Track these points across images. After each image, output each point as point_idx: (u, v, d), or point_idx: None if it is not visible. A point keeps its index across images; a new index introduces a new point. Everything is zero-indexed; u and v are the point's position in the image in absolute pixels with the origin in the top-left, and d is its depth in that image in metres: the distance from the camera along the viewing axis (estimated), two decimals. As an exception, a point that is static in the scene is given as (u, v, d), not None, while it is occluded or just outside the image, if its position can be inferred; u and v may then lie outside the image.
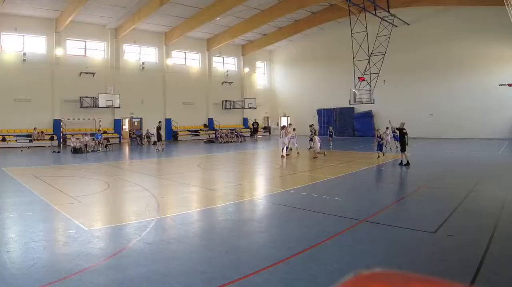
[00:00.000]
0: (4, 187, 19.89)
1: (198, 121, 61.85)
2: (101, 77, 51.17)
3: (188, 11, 49.45)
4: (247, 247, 10.33)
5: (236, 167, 23.85)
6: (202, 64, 63.38)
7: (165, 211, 14.15)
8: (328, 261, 9.04)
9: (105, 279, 8.17)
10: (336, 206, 14.81)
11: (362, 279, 1.24)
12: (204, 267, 8.87)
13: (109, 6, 44.95)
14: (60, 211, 13.86)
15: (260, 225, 12.85)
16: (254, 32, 59.17)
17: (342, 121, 61.64)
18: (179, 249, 10.13)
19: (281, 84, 73.08)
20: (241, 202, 15.97)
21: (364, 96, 45.01)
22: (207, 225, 12.81)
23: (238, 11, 49.45)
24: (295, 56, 69.23)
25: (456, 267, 8.77)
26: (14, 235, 11.15)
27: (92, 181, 21.56)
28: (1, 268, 8.54)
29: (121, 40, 52.99)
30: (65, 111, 48.44)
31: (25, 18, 44.89)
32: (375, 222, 12.41)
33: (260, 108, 69.88)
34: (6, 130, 43.76)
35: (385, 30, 46.88)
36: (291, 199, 16.16)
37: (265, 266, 8.69)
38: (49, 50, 47.73)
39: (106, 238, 11.15)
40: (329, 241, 10.48)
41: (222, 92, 65.01)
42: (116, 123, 52.90)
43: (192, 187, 19.93)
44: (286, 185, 19.81)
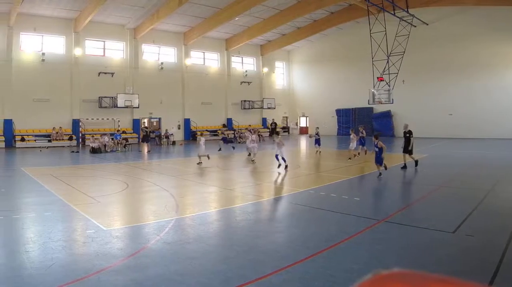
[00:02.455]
0: (23, 187, 20.05)
1: (217, 121, 61.73)
2: (120, 77, 51.27)
3: (207, 11, 49.42)
4: (266, 247, 10.31)
5: (254, 166, 23.81)
6: (221, 64, 63.27)
7: (184, 211, 14.16)
8: (347, 261, 9.03)
9: (123, 279, 8.19)
10: (354, 206, 14.79)
11: (380, 279, 1.24)
12: (223, 267, 8.87)
13: (128, 6, 45.01)
14: (78, 211, 13.91)
15: (279, 225, 12.84)
16: (272, 32, 58.98)
17: (361, 121, 60.61)
18: (197, 249, 10.11)
19: (300, 84, 72.80)
20: (259, 202, 15.98)
21: (383, 96, 44.91)
22: (226, 225, 12.82)
23: (257, 11, 49.24)
24: (314, 56, 68.89)
25: (474, 267, 8.72)
26: (33, 235, 11.18)
27: (111, 181, 21.63)
28: (20, 268, 8.58)
29: (140, 40, 53.02)
30: (84, 111, 48.55)
31: (44, 18, 44.99)
32: (394, 222, 12.40)
33: (279, 108, 69.72)
34: (25, 130, 43.89)
35: (404, 30, 46.60)
36: (310, 199, 16.14)
37: (284, 266, 8.68)
38: (68, 50, 47.85)
39: (125, 238, 11.21)
40: (348, 241, 10.46)
41: (241, 92, 64.96)
42: (135, 123, 52.95)
43: (211, 187, 19.93)
44: (305, 185, 19.78)
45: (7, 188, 19.44)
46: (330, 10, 54.08)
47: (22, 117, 44.10)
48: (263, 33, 58.01)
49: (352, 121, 61.96)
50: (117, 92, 49.30)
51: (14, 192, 18.63)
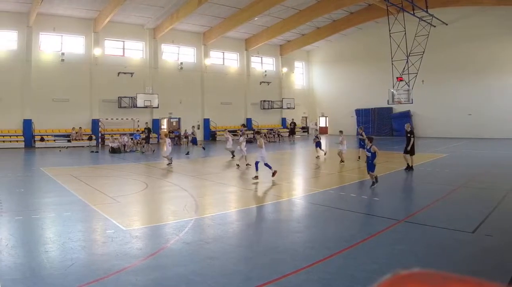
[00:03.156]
0: (42, 187, 20.12)
1: (236, 121, 61.37)
2: (140, 77, 51.38)
3: (226, 11, 49.47)
4: (285, 247, 10.26)
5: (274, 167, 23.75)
6: (240, 64, 63.32)
7: (203, 210, 14.16)
8: (366, 261, 9.00)
9: (143, 279, 8.20)
10: (374, 206, 14.87)
11: (400, 279, 1.23)
12: (242, 267, 8.90)
13: (147, 6, 45.13)
14: (98, 211, 13.94)
15: (298, 225, 12.79)
16: (292, 32, 58.86)
17: (380, 121, 61.20)
18: (217, 249, 10.10)
19: (319, 84, 72.73)
20: (279, 202, 15.96)
21: (403, 96, 44.77)
22: (245, 225, 12.83)
23: (276, 11, 49.25)
24: (333, 56, 68.79)
25: (494, 267, 8.69)
26: (53, 235, 11.22)
27: (131, 181, 21.65)
28: (40, 268, 8.58)
29: (159, 40, 53.09)
30: (103, 111, 48.70)
31: (63, 18, 45.20)
32: (414, 222, 12.37)
33: (299, 108, 69.56)
34: (44, 130, 44.05)
35: (423, 30, 46.32)
36: (329, 199, 16.12)
37: (303, 266, 8.67)
38: (87, 50, 48.06)
39: (144, 238, 11.20)
40: (367, 241, 10.45)
41: (260, 92, 64.93)
42: (154, 123, 52.87)
43: (230, 187, 19.99)
44: (325, 185, 19.75)
45: (27, 188, 19.50)
46: (349, 10, 53.93)
47: (41, 117, 44.28)
48: (282, 33, 57.84)
49: (371, 122, 62.12)
50: (136, 92, 49.33)
51: (33, 192, 18.67)
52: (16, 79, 43.24)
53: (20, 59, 43.34)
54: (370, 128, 60.52)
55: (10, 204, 15.37)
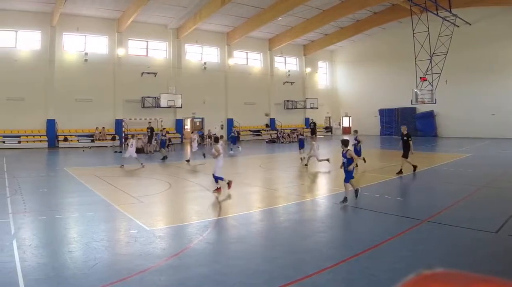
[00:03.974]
0: (66, 187, 20.24)
1: (260, 121, 61.78)
2: (163, 77, 51.48)
3: (249, 11, 49.46)
4: (309, 247, 10.29)
5: (297, 167, 23.71)
6: (263, 64, 63.25)
7: (226, 210, 14.18)
8: (390, 261, 9.03)
9: (166, 279, 8.21)
10: (397, 206, 14.86)
11: (423, 279, 1.25)
12: (266, 267, 8.89)
13: (171, 6, 45.21)
14: (121, 211, 14.00)
15: (322, 225, 12.79)
16: (315, 32, 58.75)
17: (404, 121, 59.90)
18: (240, 249, 10.13)
19: (343, 84, 72.60)
20: (302, 202, 15.96)
21: (426, 96, 44.55)
22: (269, 225, 12.82)
23: (300, 11, 49.15)
24: (356, 56, 68.61)
25: (518, 267, 8.60)
26: (76, 235, 11.28)
27: (154, 181, 21.65)
28: (63, 268, 8.62)
29: (182, 40, 53.18)
30: (126, 111, 48.87)
31: (87, 18, 45.41)
32: (437, 222, 12.30)
33: (322, 108, 69.32)
34: (68, 130, 44.22)
35: (447, 30, 46.00)
36: (353, 199, 15.90)
37: (327, 266, 8.67)
38: (111, 50, 48.30)
39: (167, 238, 11.23)
40: (391, 241, 10.45)
41: (283, 92, 64.70)
42: (178, 123, 53.11)
43: (254, 187, 20.04)
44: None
45: (50, 188, 19.66)
46: (373, 10, 53.78)
47: (65, 117, 44.53)
48: (306, 33, 57.73)
49: (394, 122, 61.97)
50: (160, 92, 49.40)
51: (57, 192, 18.80)
52: (40, 79, 43.45)
53: (43, 59, 43.58)
54: (394, 128, 61.02)
55: (34, 203, 15.46)
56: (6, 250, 9.54)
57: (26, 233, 11.20)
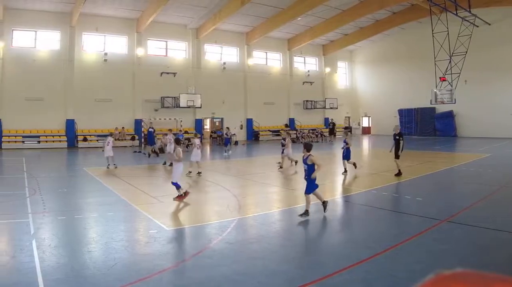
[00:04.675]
0: (85, 187, 20.34)
1: (279, 121, 61.70)
2: (182, 77, 51.59)
3: (269, 11, 49.47)
4: (328, 247, 10.36)
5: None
6: (283, 64, 63.22)
7: (246, 211, 14.16)
8: (409, 261, 9.00)
9: (185, 279, 8.26)
10: (416, 206, 14.69)
11: (443, 279, 1.25)
12: (285, 267, 8.89)
13: (190, 6, 45.32)
14: (141, 210, 14.05)
15: (341, 225, 12.90)
16: (335, 32, 58.67)
17: (423, 121, 60.89)
18: (260, 249, 10.11)
19: (362, 84, 72.54)
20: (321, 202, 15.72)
21: (446, 96, 44.47)
22: (288, 225, 12.80)
23: (319, 11, 49.19)
24: (376, 56, 68.58)
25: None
26: (95, 235, 11.32)
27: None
28: (83, 268, 8.63)
29: (202, 40, 53.32)
30: (146, 111, 49.08)
31: (106, 18, 45.67)
32: (456, 222, 12.26)
33: (342, 108, 69.25)
34: (87, 130, 44.39)
35: (466, 30, 45.79)
36: (372, 199, 16.08)
37: (346, 266, 8.65)
38: (130, 50, 48.51)
39: (187, 238, 11.34)
40: (410, 241, 10.42)
41: (303, 92, 64.68)
42: (197, 123, 53.24)
43: (273, 187, 20.01)
44: (367, 185, 19.66)
45: (70, 188, 19.72)
46: (392, 10, 53.70)
47: (84, 117, 44.77)
48: (325, 33, 57.74)
49: (414, 122, 61.91)
50: (179, 92, 49.55)
51: (76, 192, 18.88)
52: (59, 80, 43.73)
53: (63, 59, 43.83)
54: (413, 128, 61.11)
55: (53, 204, 15.52)
56: (26, 250, 9.57)
57: (46, 233, 11.23)
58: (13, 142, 41.09)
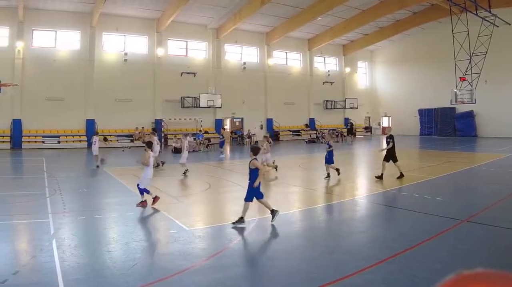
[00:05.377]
0: (106, 187, 20.45)
1: (299, 121, 61.75)
2: (203, 77, 51.71)
3: (289, 11, 49.49)
4: (348, 247, 10.28)
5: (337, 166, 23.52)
6: (303, 64, 63.18)
7: (266, 211, 14.08)
8: (429, 261, 8.93)
9: (205, 279, 8.22)
10: (437, 206, 14.58)
11: (463, 279, 1.25)
12: (305, 267, 8.87)
13: (210, 6, 45.45)
14: (161, 211, 14.04)
15: (361, 225, 12.77)
16: (355, 32, 58.65)
17: (443, 121, 60.87)
18: (280, 249, 10.13)
19: (382, 84, 72.41)
20: (342, 202, 15.93)
21: (466, 96, 44.44)
22: (308, 225, 12.78)
23: (339, 11, 49.15)
24: (396, 56, 68.40)
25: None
26: (116, 235, 11.34)
27: (193, 181, 21.68)
28: (103, 268, 8.65)
29: (222, 40, 53.42)
30: (166, 111, 49.18)
31: (126, 18, 45.88)
32: (477, 222, 12.21)
33: (362, 108, 69.20)
34: (107, 130, 44.41)
35: (486, 30, 45.53)
36: (392, 199, 16.17)
37: (366, 266, 8.60)
38: (150, 50, 48.69)
39: (207, 238, 11.26)
40: (430, 241, 10.34)
41: (323, 92, 64.59)
42: (217, 123, 53.17)
43: (293, 187, 20.00)
44: (387, 185, 19.55)
45: (90, 188, 19.82)
46: (412, 10, 53.65)
47: (104, 117, 45.02)
48: (345, 33, 57.76)
49: (434, 122, 61.96)
50: (199, 92, 49.67)
51: (96, 192, 18.99)
52: (79, 79, 43.99)
53: (83, 59, 44.14)
54: (433, 128, 61.25)
55: (73, 204, 15.61)
56: (46, 250, 9.59)
57: (66, 233, 11.25)
58: (33, 142, 41.36)
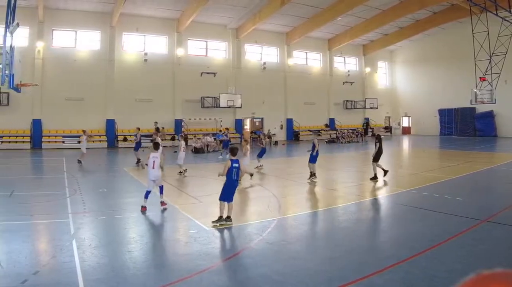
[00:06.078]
0: (125, 187, 20.57)
1: (319, 121, 61.69)
2: (222, 77, 51.72)
3: (309, 11, 49.39)
4: (368, 247, 10.31)
5: (357, 167, 23.45)
6: (323, 64, 63.09)
7: (286, 211, 14.17)
8: (449, 261, 8.94)
9: (226, 279, 8.28)
10: (457, 206, 14.58)
11: (483, 279, 1.25)
12: (325, 267, 8.88)
13: (230, 6, 45.47)
14: (181, 210, 14.11)
15: (381, 225, 12.86)
16: (375, 32, 58.50)
17: (463, 121, 60.65)
18: (300, 249, 10.14)
19: (402, 84, 72.13)
20: (362, 202, 15.93)
21: (486, 96, 44.28)
22: (328, 225, 12.80)
23: (359, 11, 49.06)
24: (416, 56, 68.11)
25: None
26: (136, 235, 11.37)
27: (213, 181, 21.51)
28: (123, 268, 8.69)
29: (242, 40, 53.46)
30: (186, 111, 49.30)
31: (146, 18, 46.02)
32: (497, 222, 12.18)
33: (382, 108, 69.04)
34: (127, 130, 44.29)
35: (507, 30, 45.32)
36: (412, 199, 16.00)
37: (386, 266, 8.62)
38: (170, 50, 48.76)
39: (227, 238, 11.32)
40: (450, 241, 10.36)
41: (343, 92, 64.52)
42: (237, 123, 53.32)
43: (314, 187, 19.88)
44: (407, 185, 19.54)
45: (110, 188, 19.95)
46: (432, 10, 53.39)
47: (125, 117, 45.10)
48: (365, 33, 57.65)
49: (454, 122, 61.69)
50: (219, 92, 49.72)
51: (116, 192, 19.12)
52: (99, 80, 44.20)
53: (103, 59, 44.35)
54: (453, 128, 61.04)
55: (93, 204, 15.68)
56: (66, 250, 9.64)
57: (86, 233, 11.31)
58: (53, 142, 41.60)
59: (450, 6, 51.02)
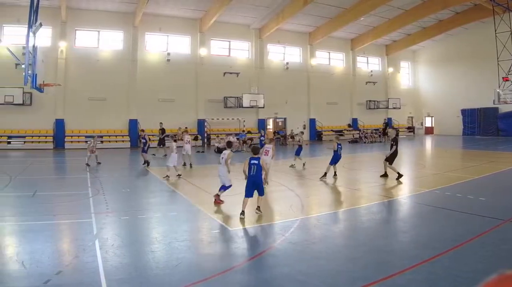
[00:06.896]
0: (148, 187, 20.54)
1: (342, 121, 61.65)
2: (245, 77, 51.89)
3: (332, 11, 49.41)
4: (391, 247, 10.24)
5: (380, 167, 23.35)
6: (346, 64, 63.09)
7: (309, 210, 14.18)
8: (472, 261, 8.89)
9: (249, 279, 8.28)
10: (480, 206, 14.50)
11: (505, 279, 1.24)
12: (348, 267, 8.85)
13: (253, 6, 45.58)
14: (204, 210, 14.12)
15: (404, 225, 12.75)
16: (398, 32, 58.44)
17: (486, 121, 60.43)
18: (323, 249, 10.09)
19: (425, 84, 71.82)
20: (385, 202, 15.87)
21: (509, 96, 44.29)
22: (351, 225, 12.76)
23: (382, 11, 49.04)
24: (438, 56, 67.87)
25: None
26: (158, 235, 11.35)
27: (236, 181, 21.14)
28: (146, 268, 8.67)
29: (265, 40, 53.57)
30: (208, 111, 49.45)
31: (169, 18, 46.27)
32: None
33: (404, 109, 68.87)
34: (150, 130, 43.75)
35: (529, 30, 44.96)
36: (435, 199, 15.90)
37: (409, 266, 8.58)
38: (193, 50, 48.99)
39: (250, 238, 11.31)
40: (473, 241, 10.28)
41: (366, 92, 64.56)
42: (260, 123, 53.38)
43: (337, 187, 19.94)
44: (430, 185, 19.40)
45: (133, 188, 19.98)
46: (455, 10, 53.22)
47: (147, 117, 45.22)
48: (388, 33, 57.66)
49: (477, 122, 61.49)
50: (242, 92, 49.83)
51: (139, 191, 19.10)
52: (122, 79, 44.56)
53: (126, 59, 44.72)
54: (476, 128, 60.86)
55: (116, 204, 15.70)
56: (89, 250, 9.65)
57: (108, 233, 11.32)
58: (76, 142, 41.89)
59: (473, 6, 50.96)
